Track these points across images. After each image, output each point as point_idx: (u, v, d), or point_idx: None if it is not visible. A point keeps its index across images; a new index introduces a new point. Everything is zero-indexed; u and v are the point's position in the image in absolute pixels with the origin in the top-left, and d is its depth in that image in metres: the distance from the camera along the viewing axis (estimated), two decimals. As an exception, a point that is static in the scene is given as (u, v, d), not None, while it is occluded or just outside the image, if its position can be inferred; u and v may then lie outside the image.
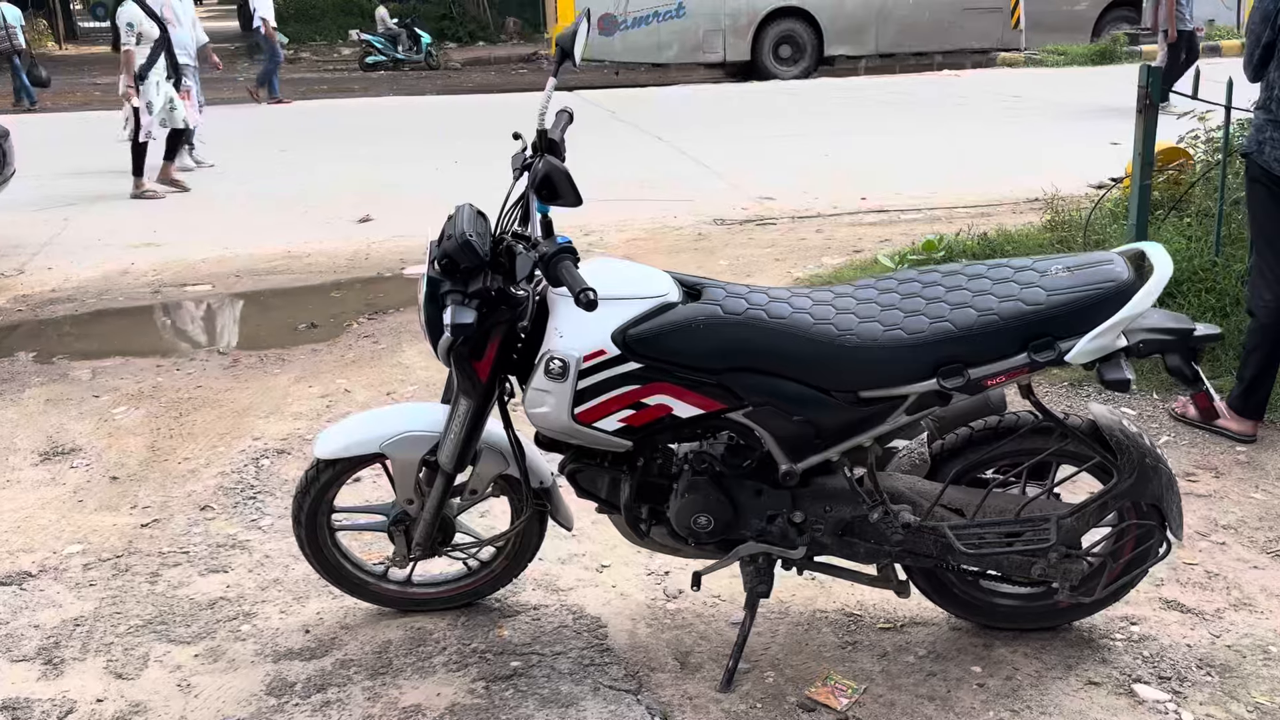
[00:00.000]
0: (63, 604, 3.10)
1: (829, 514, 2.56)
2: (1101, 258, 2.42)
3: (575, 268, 2.20)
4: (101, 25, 34.47)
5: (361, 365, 5.00)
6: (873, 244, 6.77)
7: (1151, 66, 4.43)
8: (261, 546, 3.38)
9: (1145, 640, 2.78)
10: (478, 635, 2.88)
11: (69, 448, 4.18)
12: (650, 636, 2.86)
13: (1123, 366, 2.32)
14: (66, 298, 6.29)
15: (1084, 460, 2.55)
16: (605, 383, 2.39)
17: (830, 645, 2.80)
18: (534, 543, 2.90)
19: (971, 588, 2.77)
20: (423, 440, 2.67)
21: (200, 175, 10.03)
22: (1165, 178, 5.57)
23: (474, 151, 9.87)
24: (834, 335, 2.38)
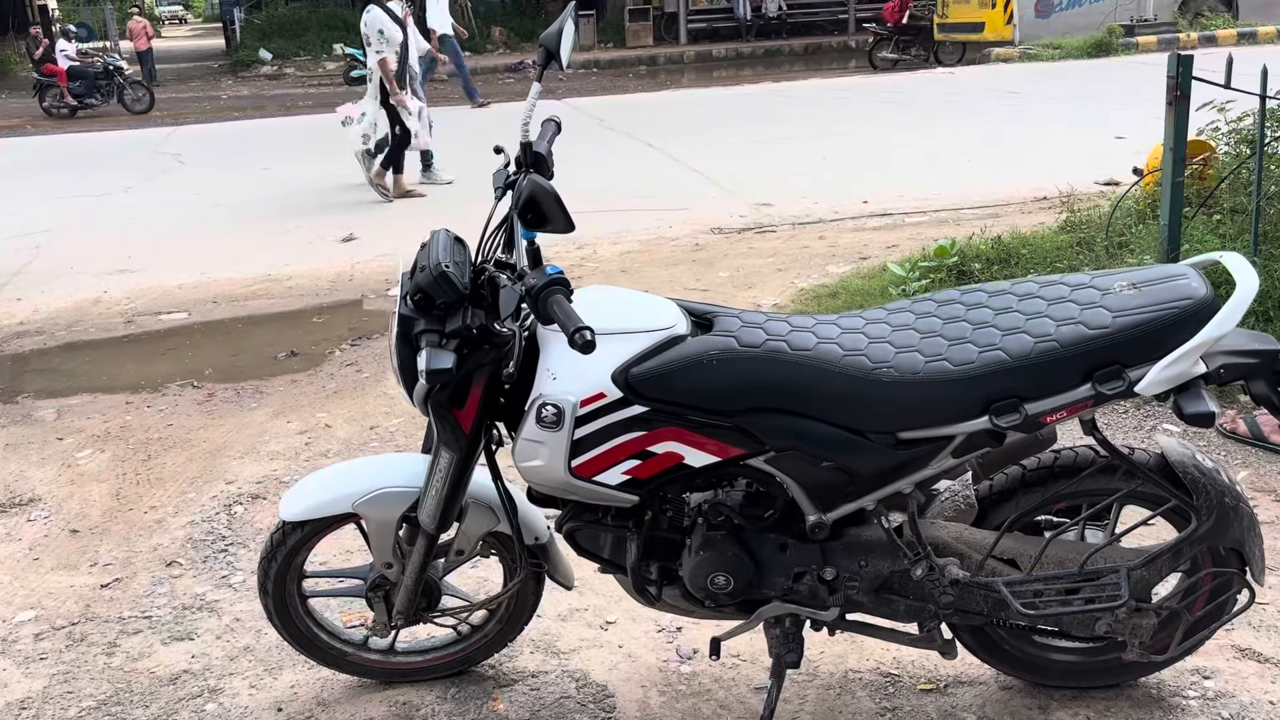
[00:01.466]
0: (9, 683, 2.79)
1: (864, 569, 2.25)
2: (1173, 272, 2.11)
3: (568, 301, 1.89)
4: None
5: (344, 396, 4.68)
6: (879, 250, 6.47)
7: (1182, 55, 4.13)
8: (231, 608, 3.06)
9: (1222, 697, 2.47)
10: (471, 708, 2.57)
11: (27, 498, 3.87)
12: (664, 707, 2.55)
13: (1204, 397, 2.01)
14: (35, 330, 5.97)
15: (1156, 502, 2.24)
16: (606, 430, 2.08)
17: (867, 712, 2.49)
18: (530, 603, 2.59)
19: (1024, 643, 2.46)
20: (401, 497, 2.35)
21: (181, 196, 9.71)
22: (1190, 172, 5.27)
23: (462, 164, 9.56)
24: (868, 368, 2.07)
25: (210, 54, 30.46)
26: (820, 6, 27.49)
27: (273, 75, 24.73)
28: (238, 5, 29.18)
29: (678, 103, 15.38)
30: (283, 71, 25.00)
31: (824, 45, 25.38)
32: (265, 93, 21.69)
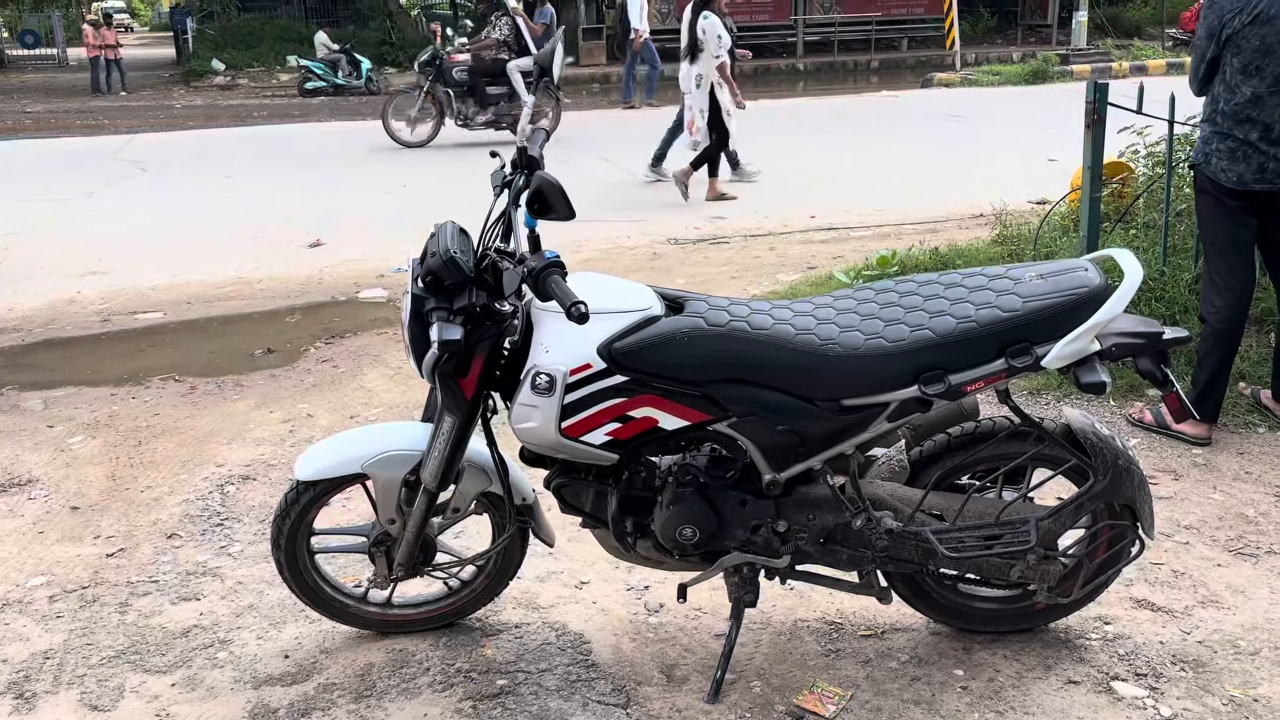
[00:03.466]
0: (30, 637, 3.02)
1: (812, 522, 2.59)
2: (1074, 265, 2.49)
3: (564, 281, 2.22)
4: (30, 52, 33.86)
5: (323, 389, 4.95)
6: (826, 260, 6.86)
7: (1099, 83, 4.55)
8: (233, 573, 3.33)
9: (1120, 639, 2.84)
10: (461, 655, 2.86)
11: (25, 479, 4.08)
12: (635, 651, 2.86)
13: (1098, 370, 2.38)
14: (12, 328, 6.15)
15: (1060, 463, 2.61)
16: (592, 396, 2.40)
17: (814, 653, 2.83)
18: (516, 560, 2.89)
19: (951, 592, 2.81)
20: (405, 459, 2.65)
21: (145, 202, 9.87)
22: (1109, 191, 5.72)
23: (422, 176, 9.85)
24: (816, 345, 2.42)
25: (160, 63, 30.30)
26: (770, 29, 28.08)
27: (226, 86, 24.72)
28: (189, 15, 29.12)
29: (631, 119, 15.75)
30: (236, 82, 24.99)
31: (773, 67, 25.92)
32: (219, 103, 21.72)
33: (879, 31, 27.18)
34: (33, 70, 30.94)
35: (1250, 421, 4.13)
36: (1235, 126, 3.70)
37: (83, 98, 22.81)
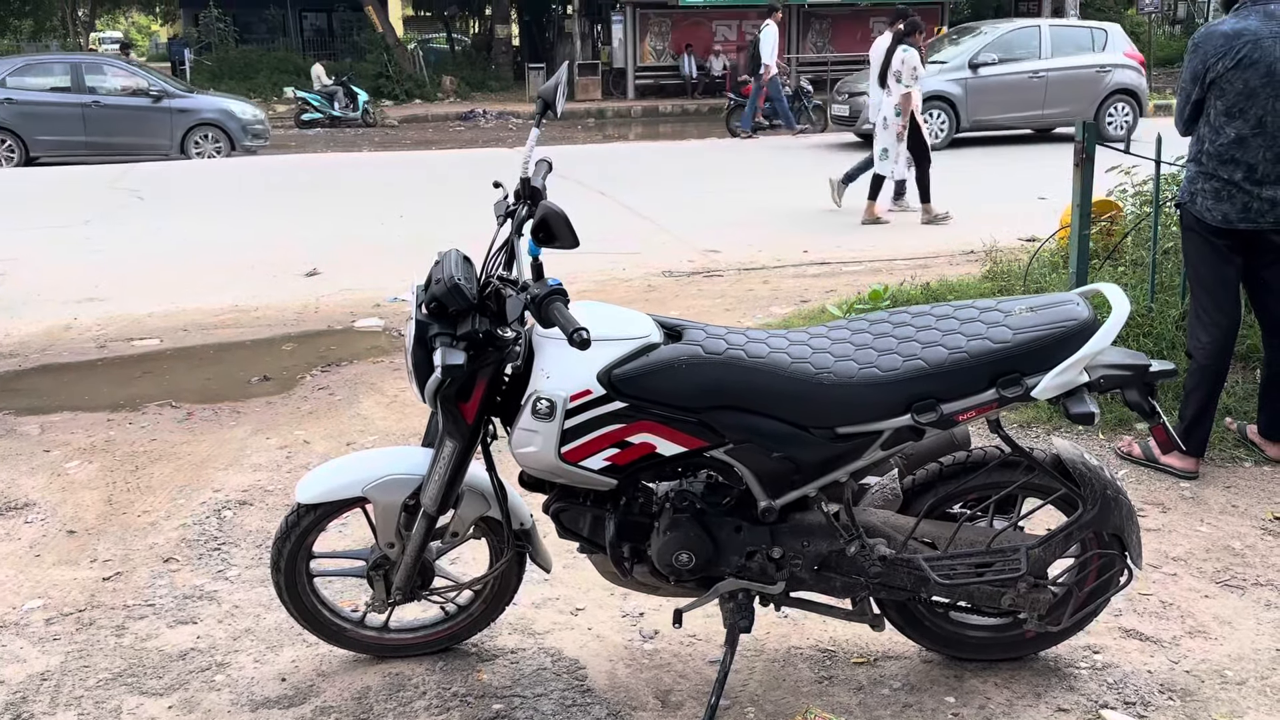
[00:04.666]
0: (27, 659, 3.04)
1: (807, 549, 2.63)
2: (1063, 298, 2.55)
3: (567, 309, 2.26)
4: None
5: (319, 417, 4.98)
6: (818, 294, 6.94)
7: (1087, 123, 4.65)
8: (230, 597, 3.35)
9: (1109, 668, 2.87)
10: (457, 679, 2.89)
11: (21, 503, 4.10)
12: (630, 676, 2.89)
13: (1087, 401, 2.44)
14: (8, 353, 6.17)
15: (1049, 493, 2.65)
16: (591, 422, 2.44)
17: (807, 680, 2.86)
18: (513, 584, 2.92)
19: (942, 620, 2.85)
20: (405, 483, 2.69)
21: (141, 231, 9.92)
22: (1098, 229, 5.81)
23: (417, 206, 9.92)
24: (811, 373, 2.47)
25: (158, 93, 30.44)
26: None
27: (222, 116, 24.82)
28: (187, 46, 29.33)
29: (626, 154, 15.91)
30: (232, 113, 25.11)
31: (766, 104, 26.13)
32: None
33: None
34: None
35: (1236, 456, 4.18)
36: (1220, 167, 3.78)
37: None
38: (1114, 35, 15.86)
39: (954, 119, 14.89)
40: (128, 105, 15.77)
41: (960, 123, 14.94)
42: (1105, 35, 15.83)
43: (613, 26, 27.24)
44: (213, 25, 29.31)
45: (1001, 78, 15.02)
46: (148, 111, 15.78)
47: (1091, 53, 15.48)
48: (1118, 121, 15.27)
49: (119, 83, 16.03)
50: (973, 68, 15.02)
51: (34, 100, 15.42)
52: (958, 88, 14.87)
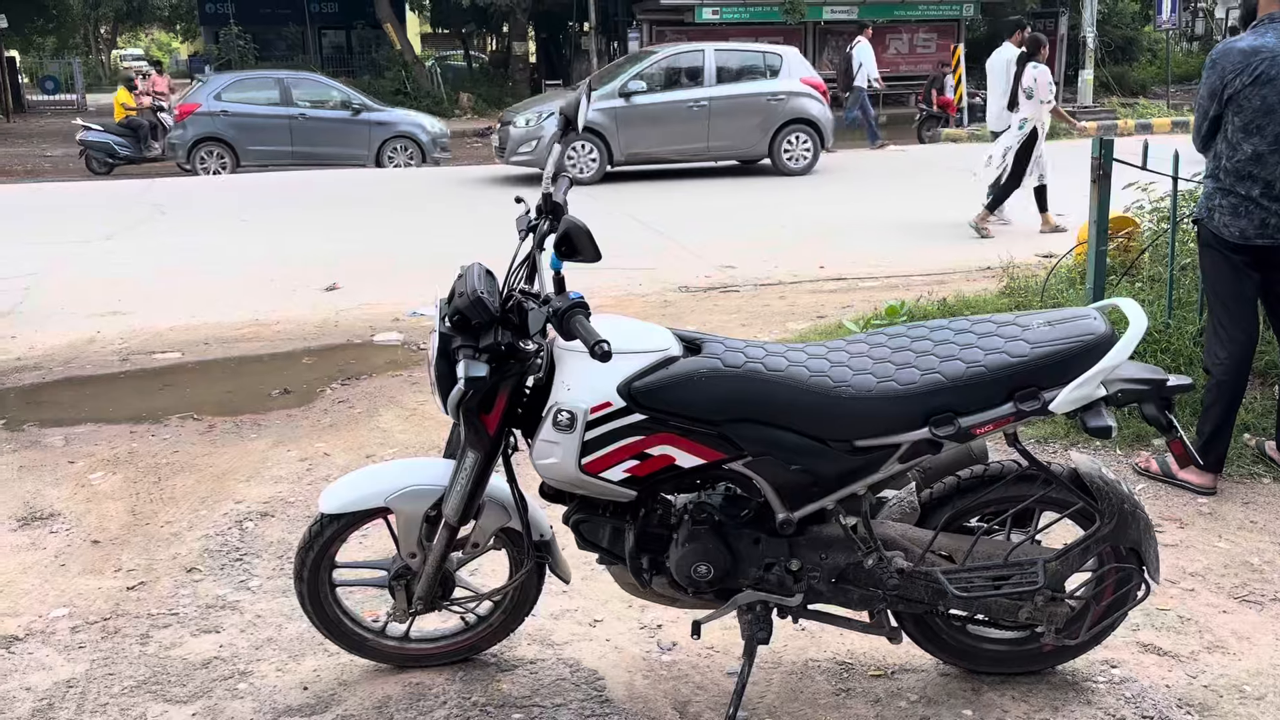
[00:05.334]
0: (53, 666, 3.08)
1: (825, 561, 2.64)
2: (1081, 313, 2.57)
3: (588, 322, 2.30)
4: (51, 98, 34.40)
5: (339, 429, 5.02)
6: (835, 309, 6.95)
7: (1104, 139, 4.66)
8: (252, 606, 3.38)
9: (1126, 682, 2.88)
10: (477, 689, 2.91)
11: (47, 513, 4.15)
12: (648, 688, 2.91)
13: (1104, 414, 2.45)
14: (33, 366, 6.24)
15: (1066, 506, 2.67)
16: (611, 434, 2.47)
17: (824, 693, 2.87)
18: (532, 595, 2.95)
19: (960, 633, 2.86)
20: (427, 494, 2.72)
21: (163, 244, 10.02)
22: (1115, 245, 5.82)
23: (436, 221, 10.00)
24: (830, 387, 2.49)
25: (178, 110, 30.75)
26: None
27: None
28: (208, 63, 29.64)
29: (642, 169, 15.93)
30: (252, 129, 25.33)
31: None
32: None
33: (887, 88, 27.52)
34: (52, 115, 31.37)
35: (1255, 472, 4.18)
36: (1237, 183, 3.79)
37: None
38: (791, 61, 14.68)
39: (605, 152, 13.79)
40: (330, 118, 16.86)
41: (613, 156, 13.84)
42: (781, 60, 14.64)
43: (629, 43, 27.37)
44: (233, 43, 29.58)
45: (658, 106, 13.97)
46: (348, 124, 16.79)
47: (765, 79, 14.43)
48: (795, 153, 14.31)
49: (322, 97, 17.07)
50: (624, 96, 13.84)
51: (246, 113, 16.43)
52: (607, 118, 13.65)
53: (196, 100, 16.44)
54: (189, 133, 16.17)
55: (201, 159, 16.16)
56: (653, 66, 14.39)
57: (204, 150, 16.18)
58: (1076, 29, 25.09)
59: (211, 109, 16.29)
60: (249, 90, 16.90)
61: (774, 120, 14.25)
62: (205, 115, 16.22)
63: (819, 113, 14.42)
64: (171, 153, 16.56)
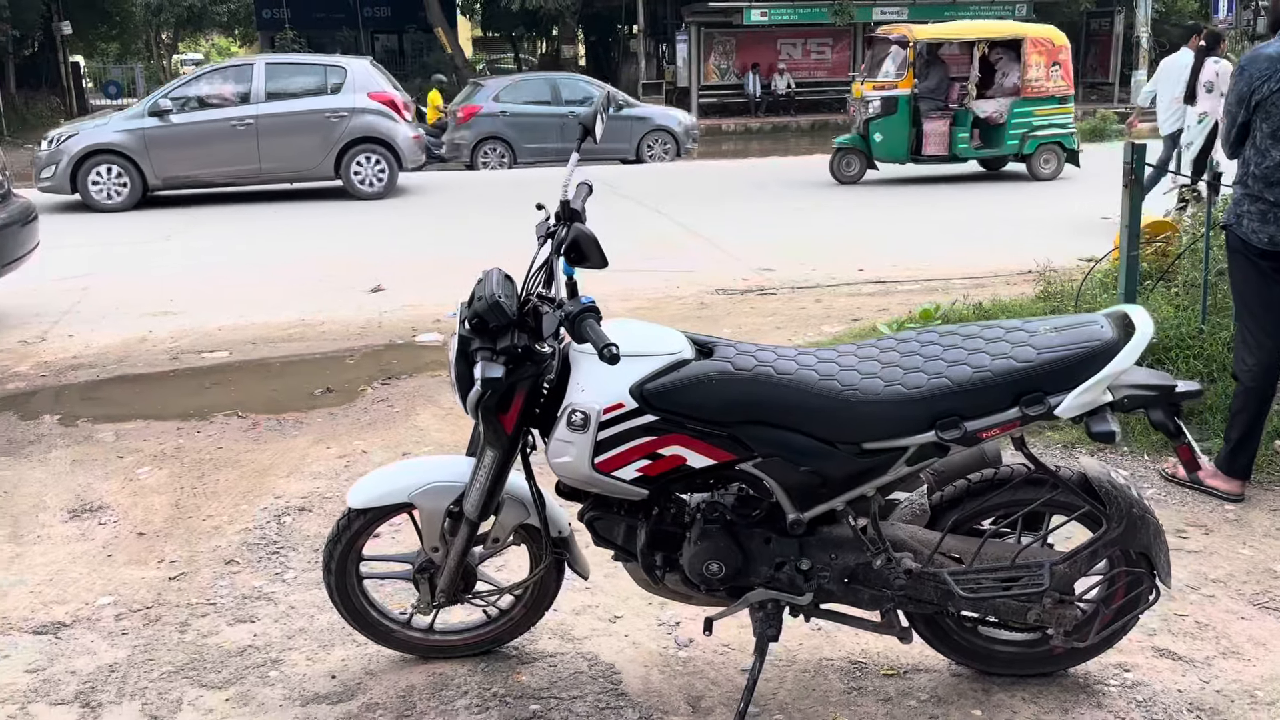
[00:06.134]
0: (97, 651, 3.22)
1: (834, 561, 2.70)
2: (1087, 319, 2.60)
3: (599, 325, 2.38)
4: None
5: (378, 428, 5.15)
6: (871, 313, 6.98)
7: (1136, 144, 4.66)
8: (286, 598, 3.51)
9: (1138, 685, 2.90)
10: (497, 680, 3.00)
11: (96, 505, 4.31)
12: (663, 682, 2.98)
13: (1108, 420, 2.48)
14: (88, 363, 6.46)
15: (1073, 509, 2.70)
16: (624, 434, 2.55)
17: (836, 691, 2.92)
18: (552, 590, 3.03)
19: (971, 634, 2.90)
20: (449, 490, 2.81)
21: (215, 247, 10.27)
22: (1153, 249, 5.79)
23: (482, 225, 10.14)
24: (838, 390, 2.55)
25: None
26: (827, 85, 28.39)
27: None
28: (264, 67, 30.18)
29: (686, 173, 16.04)
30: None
31: (830, 122, 26.17)
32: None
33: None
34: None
35: (1285, 479, 4.16)
36: (1265, 189, 3.78)
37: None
38: (356, 74, 13.46)
39: (138, 176, 12.77)
40: None
41: (146, 180, 12.82)
42: (345, 74, 13.43)
43: (677, 46, 27.49)
44: (288, 47, 30.13)
45: (196, 126, 12.91)
46: (613, 121, 17.16)
47: (324, 95, 13.31)
48: (367, 174, 13.30)
49: (587, 95, 18.07)
50: (156, 115, 12.82)
51: (521, 113, 17.68)
52: (134, 140, 12.68)
53: (478, 103, 17.61)
54: (473, 133, 17.46)
55: (484, 155, 17.40)
56: (193, 83, 13.53)
57: (485, 148, 17.43)
58: (1132, 28, 24.77)
59: (492, 110, 17.52)
60: (524, 91, 18.16)
61: (336, 139, 13.22)
62: (487, 116, 17.49)
63: (389, 130, 13.36)
64: (455, 152, 17.69)
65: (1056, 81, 13.56)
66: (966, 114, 13.61)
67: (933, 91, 13.83)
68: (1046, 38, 13.69)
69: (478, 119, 17.49)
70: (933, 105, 13.76)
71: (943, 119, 13.67)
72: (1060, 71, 13.51)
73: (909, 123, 13.56)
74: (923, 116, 13.63)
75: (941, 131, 13.65)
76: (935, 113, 13.72)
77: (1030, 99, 13.50)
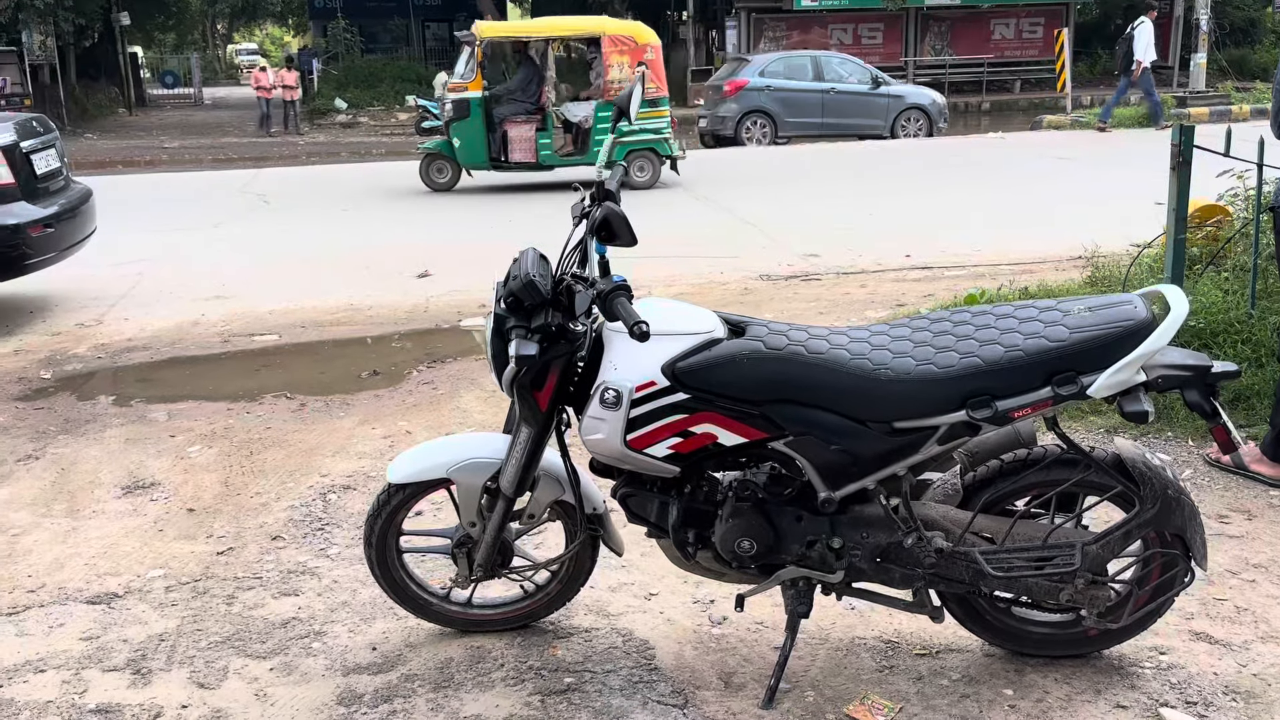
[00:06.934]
0: (148, 621, 3.32)
1: (866, 540, 2.71)
2: (1121, 299, 2.58)
3: (630, 303, 2.41)
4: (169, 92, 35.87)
5: (422, 409, 5.23)
6: (916, 298, 6.94)
7: (1185, 125, 4.59)
8: (330, 573, 3.59)
9: (1173, 668, 2.88)
10: (533, 654, 3.06)
11: (149, 482, 4.43)
12: (696, 658, 3.02)
13: (1141, 400, 2.47)
14: (142, 346, 6.62)
15: (1106, 490, 2.69)
16: (655, 412, 2.58)
17: (868, 669, 2.94)
18: (587, 567, 3.08)
19: (1004, 615, 2.90)
20: (486, 466, 2.87)
21: (267, 232, 10.45)
22: (1204, 234, 5.70)
23: (527, 210, 10.22)
24: (869, 369, 2.56)
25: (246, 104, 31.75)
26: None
27: (347, 124, 25.85)
28: (316, 56, 30.54)
29: (733, 158, 15.99)
30: (357, 120, 26.11)
31: (881, 108, 25.90)
32: (340, 140, 22.74)
33: (990, 73, 27.01)
34: (171, 108, 32.70)
35: (1334, 465, 4.08)
36: (1315, 169, 3.72)
37: (214, 134, 24.07)
38: None
39: None
40: (855, 92, 18.46)
41: None
42: None
43: (727, 32, 27.34)
44: (340, 36, 30.43)
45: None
46: (870, 98, 18.48)
47: None
48: None
49: (848, 73, 18.69)
50: None
51: (786, 88, 18.31)
52: None
53: (744, 78, 18.27)
54: (738, 106, 18.11)
55: (747, 129, 18.08)
56: None
57: (749, 122, 18.09)
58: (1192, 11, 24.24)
59: (757, 85, 18.18)
60: (787, 68, 18.69)
61: None
62: (752, 91, 18.15)
63: None
64: (721, 125, 18.34)
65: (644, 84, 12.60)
66: (550, 117, 12.78)
67: (517, 93, 12.95)
68: (628, 35, 12.66)
69: (744, 93, 18.08)
70: (520, 108, 12.78)
71: (529, 123, 12.70)
72: (648, 73, 12.36)
73: (485, 127, 12.49)
74: (507, 120, 12.66)
75: (527, 137, 12.66)
76: (521, 116, 12.73)
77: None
